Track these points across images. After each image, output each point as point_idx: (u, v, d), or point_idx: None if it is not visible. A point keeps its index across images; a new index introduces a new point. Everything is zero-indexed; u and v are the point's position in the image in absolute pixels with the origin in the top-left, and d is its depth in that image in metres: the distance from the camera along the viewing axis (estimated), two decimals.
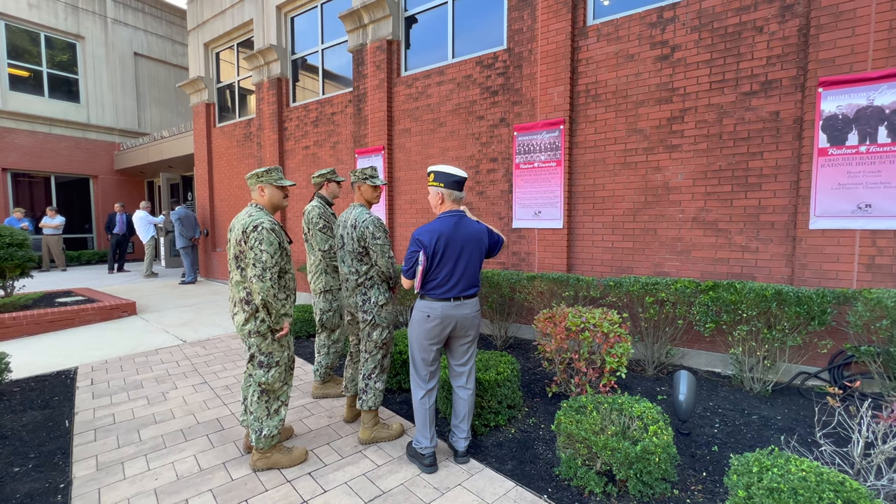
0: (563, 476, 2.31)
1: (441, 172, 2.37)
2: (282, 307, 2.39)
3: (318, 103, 6.99)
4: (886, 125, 3.12)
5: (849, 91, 3.22)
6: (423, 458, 2.44)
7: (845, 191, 3.27)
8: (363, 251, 2.64)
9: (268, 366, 2.39)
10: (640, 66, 4.14)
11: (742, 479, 1.72)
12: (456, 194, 2.39)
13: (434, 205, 2.44)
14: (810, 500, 1.55)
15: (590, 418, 2.28)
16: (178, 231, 8.54)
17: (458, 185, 2.39)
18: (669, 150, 4.03)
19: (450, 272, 2.32)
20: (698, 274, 3.92)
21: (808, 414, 2.97)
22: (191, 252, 8.81)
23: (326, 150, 6.89)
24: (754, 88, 3.64)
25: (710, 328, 3.23)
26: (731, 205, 3.77)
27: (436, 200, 2.41)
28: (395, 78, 5.99)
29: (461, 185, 2.41)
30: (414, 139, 5.83)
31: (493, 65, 5.07)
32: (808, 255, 3.42)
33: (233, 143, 8.57)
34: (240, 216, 2.41)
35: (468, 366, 2.51)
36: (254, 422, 2.40)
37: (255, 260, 2.25)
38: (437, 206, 2.43)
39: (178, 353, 4.71)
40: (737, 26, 3.69)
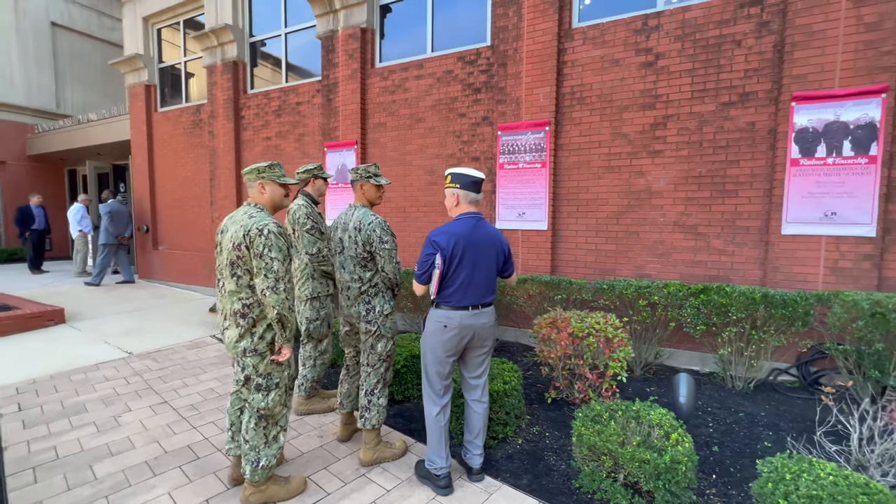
0: (584, 489, 2.24)
1: (458, 174, 2.22)
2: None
3: (281, 91, 6.49)
4: (850, 139, 3.39)
5: (819, 106, 3.46)
6: (437, 479, 2.27)
7: (814, 199, 3.51)
8: (368, 256, 2.41)
9: (267, 389, 2.10)
10: (625, 72, 4.21)
11: (779, 487, 1.74)
12: (472, 196, 2.24)
13: (449, 207, 2.27)
14: None
15: (609, 428, 2.24)
16: (104, 226, 7.57)
17: (475, 187, 2.25)
18: (652, 156, 4.14)
19: (468, 277, 2.17)
20: (678, 276, 4.07)
21: (788, 409, 3.16)
22: (115, 251, 7.84)
23: (291, 143, 6.42)
24: (733, 99, 3.82)
25: (700, 330, 3.35)
26: (710, 210, 3.94)
27: (451, 202, 2.25)
28: (370, 69, 5.69)
29: (478, 187, 2.26)
30: (390, 134, 5.57)
31: (476, 61, 4.95)
32: (779, 259, 3.64)
33: (179, 131, 7.76)
34: (236, 217, 2.10)
35: (483, 378, 2.37)
36: (249, 451, 2.10)
37: (266, 269, 1.96)
38: (452, 207, 2.26)
39: (125, 367, 4.14)
40: (717, 38, 3.84)
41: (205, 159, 7.40)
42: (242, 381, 2.09)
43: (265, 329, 2.07)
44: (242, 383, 2.10)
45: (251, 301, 2.04)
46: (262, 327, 2.07)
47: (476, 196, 2.26)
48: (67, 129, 10.04)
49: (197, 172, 7.54)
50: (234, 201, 6.95)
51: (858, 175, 3.38)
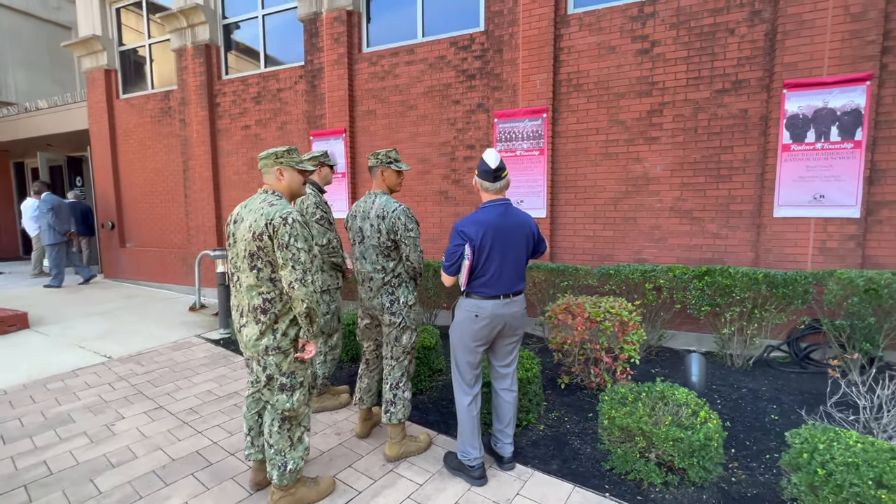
0: (617, 470, 2.27)
1: (481, 160, 2.15)
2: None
3: (259, 77, 6.16)
4: (837, 125, 3.55)
5: (808, 94, 3.61)
6: (471, 469, 2.23)
7: (804, 183, 3.67)
8: (392, 245, 2.31)
9: (291, 388, 1.98)
10: (622, 59, 4.24)
11: (815, 457, 1.81)
12: (487, 185, 2.16)
13: (476, 193, 2.22)
14: (883, 470, 1.67)
15: (640, 410, 2.26)
16: (47, 224, 6.96)
17: (489, 175, 2.13)
18: (649, 143, 4.21)
19: (499, 267, 2.12)
20: (674, 260, 4.18)
21: (785, 383, 3.32)
22: (64, 249, 7.26)
23: (272, 131, 6.13)
24: (726, 87, 3.92)
25: (705, 311, 3.46)
26: (705, 195, 4.06)
27: (475, 190, 2.19)
28: (357, 54, 5.48)
29: (491, 175, 2.13)
30: (380, 122, 5.41)
31: (470, 47, 4.85)
32: (771, 241, 3.80)
33: (145, 119, 7.25)
34: (252, 205, 1.95)
35: (512, 367, 2.34)
36: (275, 456, 1.98)
37: (293, 261, 1.83)
38: (478, 194, 2.20)
39: (108, 373, 3.86)
40: (711, 27, 3.92)
41: (176, 149, 6.96)
42: (264, 382, 1.96)
43: (288, 325, 1.95)
44: (264, 384, 1.96)
45: (272, 295, 1.91)
46: (285, 323, 1.94)
47: (494, 185, 2.16)
48: (12, 117, 9.19)
49: (167, 164, 7.09)
50: (210, 194, 6.58)
51: (845, 159, 3.55)
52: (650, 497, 2.11)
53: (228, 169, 6.51)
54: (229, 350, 4.44)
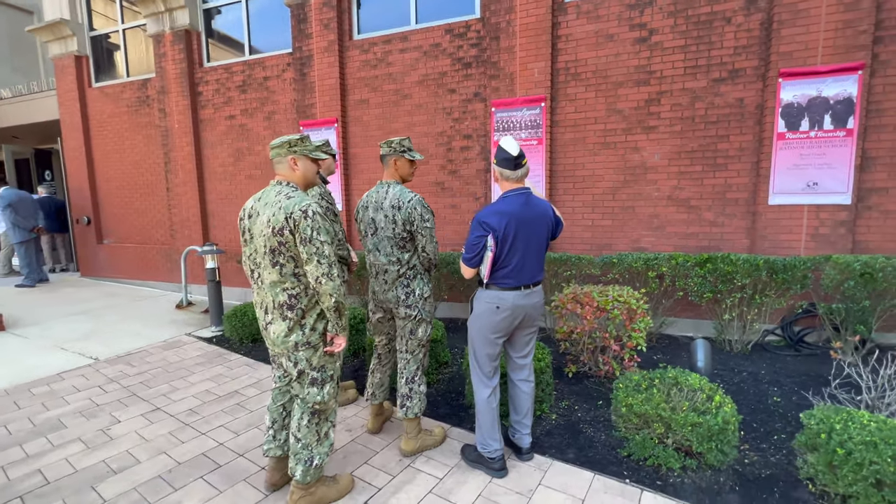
0: (635, 457, 2.29)
1: (498, 147, 2.10)
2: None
3: (244, 65, 5.92)
4: (831, 114, 3.63)
5: (803, 82, 3.67)
6: (491, 462, 2.22)
7: (798, 171, 3.75)
8: (407, 237, 2.25)
9: (322, 382, 1.93)
10: (620, 47, 4.23)
11: (833, 436, 1.85)
12: (507, 173, 2.12)
13: (496, 180, 2.17)
14: None
15: (656, 396, 2.28)
16: (10, 222, 6.57)
17: (508, 164, 2.08)
18: (647, 132, 4.23)
19: (522, 258, 2.09)
20: (672, 248, 4.24)
21: (783, 366, 3.41)
22: (33, 247, 6.91)
23: (259, 121, 5.91)
24: (723, 76, 3.96)
25: (707, 297, 3.52)
26: (702, 183, 4.11)
27: (494, 178, 2.15)
28: (348, 41, 5.32)
29: (511, 164, 2.08)
30: (373, 112, 5.28)
31: (466, 34, 4.76)
32: (766, 228, 3.89)
33: (122, 109, 6.90)
34: (266, 198, 1.85)
35: (529, 357, 2.32)
36: (301, 450, 1.92)
37: (318, 255, 1.76)
38: (498, 182, 2.16)
39: (96, 375, 3.69)
40: (709, 15, 3.94)
41: (156, 141, 6.66)
42: (294, 377, 1.90)
43: (316, 319, 1.88)
44: (295, 378, 1.91)
45: (297, 290, 1.84)
46: (313, 318, 1.88)
47: (514, 173, 2.12)
48: None
49: (147, 156, 6.78)
50: (194, 187, 6.33)
51: (837, 147, 3.64)
52: (669, 482, 2.14)
53: (213, 161, 6.27)
54: (223, 348, 4.31)
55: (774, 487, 2.08)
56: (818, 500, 1.96)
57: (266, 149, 5.89)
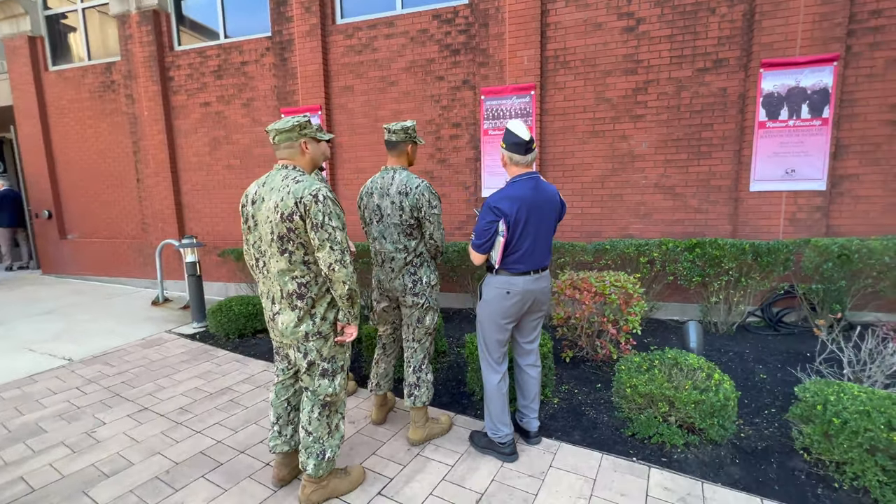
0: (639, 435, 2.35)
1: (506, 130, 2.07)
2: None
3: (220, 49, 5.64)
4: (808, 103, 3.79)
5: (783, 73, 3.81)
6: (502, 446, 2.23)
7: (777, 158, 3.91)
8: (415, 223, 2.20)
9: (332, 373, 1.87)
10: (608, 36, 4.26)
11: (828, 407, 1.95)
12: (517, 158, 2.10)
13: (503, 166, 2.15)
14: (892, 415, 1.83)
15: (659, 376, 2.35)
16: None
17: (519, 148, 2.06)
18: (634, 120, 4.30)
19: (533, 242, 2.08)
20: (659, 234, 4.35)
21: (764, 345, 3.57)
22: None
23: (237, 109, 5.67)
24: (707, 65, 4.06)
25: (696, 281, 3.63)
26: (687, 171, 4.23)
27: (503, 161, 2.13)
28: (331, 25, 5.15)
29: (522, 148, 2.07)
30: (359, 99, 5.15)
31: (454, 20, 4.69)
32: (748, 214, 4.04)
33: (83, 95, 6.46)
34: (273, 183, 1.77)
35: (536, 342, 2.34)
36: (313, 444, 1.87)
37: (331, 241, 1.69)
38: (506, 167, 2.14)
39: (72, 376, 3.49)
40: (694, 5, 4.02)
41: (123, 128, 6.28)
42: (304, 368, 1.84)
43: (326, 308, 1.82)
44: (304, 370, 1.84)
45: (307, 279, 1.77)
46: (323, 307, 1.82)
47: (524, 158, 2.11)
48: None
49: (114, 144, 6.39)
50: (167, 178, 6.03)
51: (813, 136, 3.81)
52: (673, 458, 2.21)
53: (187, 150, 5.98)
54: (209, 344, 4.15)
55: (771, 458, 2.18)
56: (813, 468, 2.07)
57: (245, 137, 5.67)
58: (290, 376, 2.03)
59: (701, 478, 2.06)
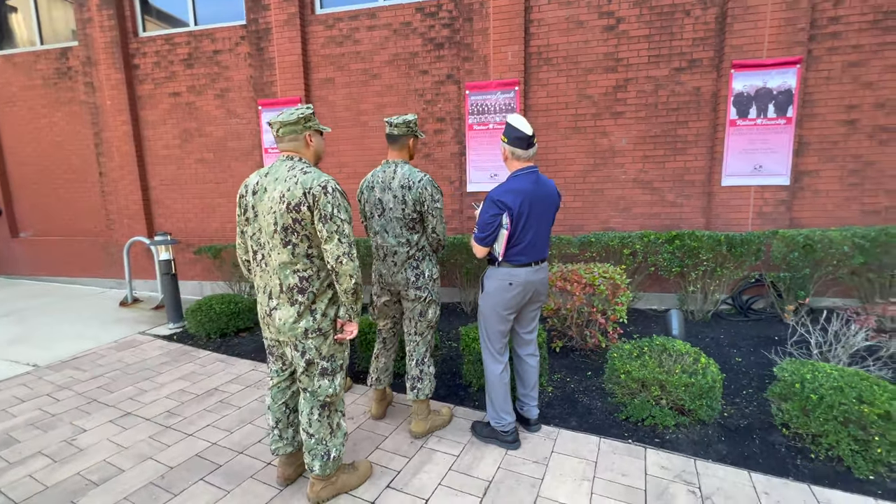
0: (633, 419, 2.46)
1: (507, 125, 2.10)
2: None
3: (190, 36, 5.38)
4: (774, 103, 4.04)
5: (752, 74, 4.03)
6: (504, 434, 2.28)
7: (746, 155, 4.15)
8: (417, 217, 2.20)
9: (332, 373, 1.84)
10: (589, 34, 4.37)
11: (806, 385, 2.11)
12: (519, 153, 2.14)
13: (504, 160, 2.18)
14: (863, 390, 2.00)
15: (651, 362, 2.46)
16: None
17: (521, 143, 2.09)
18: (615, 117, 4.44)
19: (535, 235, 2.13)
20: (638, 227, 4.53)
21: (737, 331, 3.80)
22: None
23: (210, 100, 5.43)
24: (682, 65, 4.24)
25: (675, 271, 3.81)
26: (664, 167, 4.41)
27: (503, 157, 2.15)
28: (310, 15, 5.01)
29: (525, 143, 2.10)
30: (340, 92, 5.05)
31: (437, 14, 4.68)
32: (719, 207, 4.27)
33: (35, 82, 6.01)
34: (277, 173, 1.72)
35: (535, 332, 2.40)
36: (316, 445, 1.85)
37: (339, 233, 1.67)
38: (506, 162, 2.17)
39: (40, 383, 3.28)
40: (670, 7, 4.18)
41: (82, 119, 5.89)
42: (303, 368, 1.80)
43: (327, 304, 1.79)
44: (302, 370, 1.80)
45: (310, 273, 1.74)
46: (324, 303, 1.78)
47: (525, 153, 2.14)
48: None
49: (72, 136, 5.99)
50: (133, 171, 5.71)
51: (779, 133, 4.06)
52: (665, 438, 2.33)
53: (156, 142, 5.69)
54: (188, 345, 4.00)
55: (753, 434, 2.33)
56: (791, 441, 2.24)
57: (219, 129, 5.45)
58: (285, 378, 1.97)
59: (693, 455, 2.19)
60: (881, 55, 3.90)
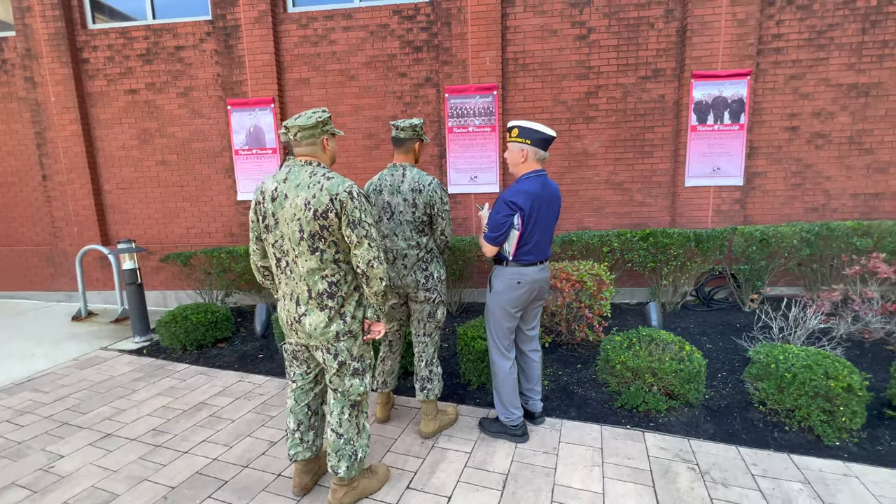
0: (628, 406, 2.62)
1: (527, 128, 2.18)
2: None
3: (148, 30, 5.05)
4: (729, 111, 4.42)
5: (709, 84, 4.39)
6: (514, 428, 2.36)
7: (706, 158, 4.51)
8: (427, 220, 2.23)
9: (363, 372, 1.86)
10: (563, 42, 4.57)
11: (780, 364, 2.36)
12: (541, 154, 2.23)
13: (515, 163, 2.24)
14: (827, 368, 2.27)
15: (643, 352, 2.64)
16: None
17: (545, 144, 2.19)
18: (587, 122, 4.67)
19: (542, 235, 2.23)
20: (610, 226, 4.79)
21: (704, 320, 4.12)
22: None
23: (172, 98, 5.13)
24: (648, 74, 4.54)
25: (650, 267, 4.07)
26: (633, 169, 4.70)
27: (518, 158, 2.22)
28: (282, 13, 4.87)
29: (547, 144, 2.20)
30: (316, 92, 4.95)
31: (415, 17, 4.70)
32: (683, 206, 4.61)
33: None
34: (297, 179, 1.70)
35: (537, 329, 2.50)
36: (344, 446, 1.84)
37: (368, 238, 1.68)
38: (519, 164, 2.23)
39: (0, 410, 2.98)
40: (636, 19, 4.47)
41: (21, 117, 5.36)
42: (335, 370, 1.80)
43: (355, 307, 1.81)
44: (335, 371, 1.80)
45: (338, 277, 1.74)
46: (352, 305, 1.79)
47: (544, 154, 2.23)
48: None
49: (8, 136, 5.43)
50: (84, 174, 5.27)
51: (733, 139, 4.46)
52: (659, 422, 2.51)
53: (111, 143, 5.29)
54: (162, 359, 3.77)
55: (734, 413, 2.56)
56: (767, 416, 2.48)
57: (183, 130, 5.16)
58: (310, 381, 1.96)
59: (686, 436, 2.37)
60: (815, 69, 4.38)
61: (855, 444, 2.23)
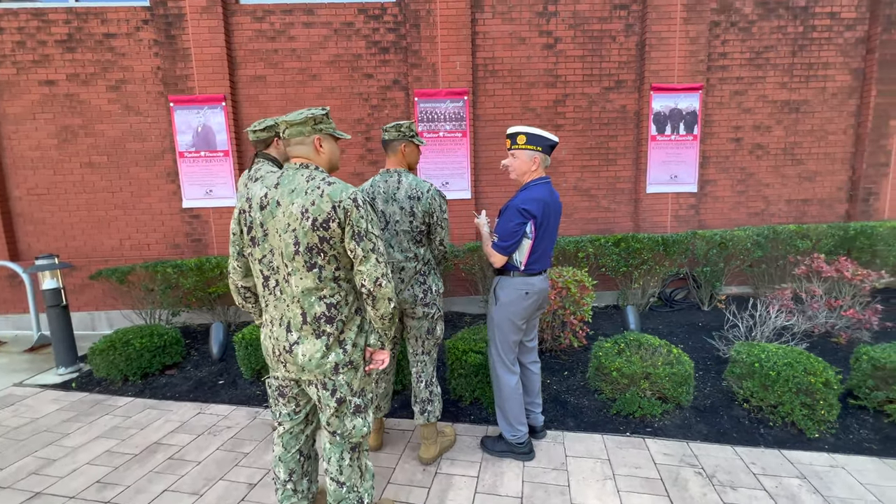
0: (624, 412, 2.62)
1: (536, 135, 2.09)
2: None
3: (70, 13, 4.40)
4: (684, 122, 4.70)
5: (666, 96, 4.64)
6: (520, 446, 2.26)
7: (665, 166, 4.75)
8: (425, 230, 2.07)
9: (364, 409, 1.61)
10: (531, 51, 4.62)
11: (763, 363, 2.47)
12: (548, 160, 2.18)
13: (523, 170, 2.14)
14: (806, 365, 2.41)
15: (636, 357, 2.66)
16: None
17: (551, 150, 2.16)
18: (556, 129, 4.75)
19: (549, 243, 2.16)
20: (579, 231, 4.89)
21: (670, 320, 4.30)
22: None
23: (100, 92, 4.51)
24: (611, 85, 4.71)
25: (622, 271, 4.18)
26: (599, 175, 4.84)
27: (529, 166, 2.12)
28: (234, 4, 4.47)
29: (552, 150, 2.18)
30: (274, 91, 4.58)
31: (382, 17, 4.52)
32: (645, 212, 4.82)
33: None
34: (293, 184, 1.46)
35: (536, 340, 2.42)
36: (348, 494, 1.61)
37: (376, 252, 1.47)
38: (528, 171, 2.13)
39: None
40: (599, 32, 4.63)
41: None
42: (333, 409, 1.55)
43: (357, 334, 1.57)
44: (333, 412, 1.55)
45: (338, 299, 1.51)
46: (353, 331, 1.56)
47: (548, 160, 2.19)
48: None
49: None
50: None
51: (688, 148, 4.74)
52: (655, 425, 2.53)
53: (22, 142, 4.53)
54: (97, 393, 3.25)
55: (720, 411, 2.65)
56: (752, 413, 2.59)
57: (114, 128, 4.55)
58: (299, 422, 1.70)
59: (683, 439, 2.41)
60: (755, 86, 4.79)
61: (832, 434, 2.39)
